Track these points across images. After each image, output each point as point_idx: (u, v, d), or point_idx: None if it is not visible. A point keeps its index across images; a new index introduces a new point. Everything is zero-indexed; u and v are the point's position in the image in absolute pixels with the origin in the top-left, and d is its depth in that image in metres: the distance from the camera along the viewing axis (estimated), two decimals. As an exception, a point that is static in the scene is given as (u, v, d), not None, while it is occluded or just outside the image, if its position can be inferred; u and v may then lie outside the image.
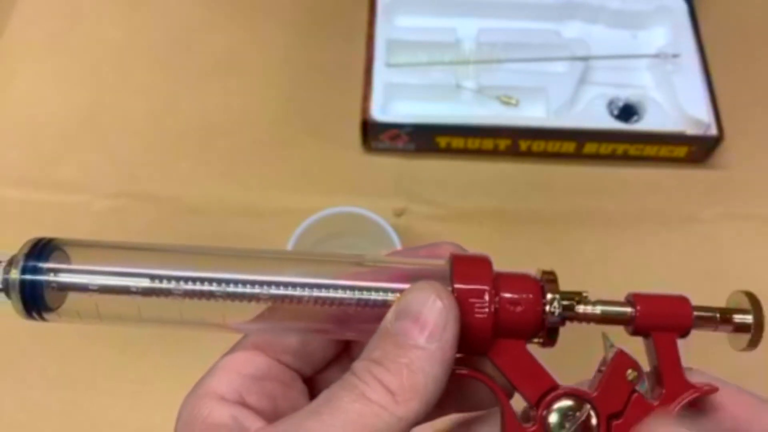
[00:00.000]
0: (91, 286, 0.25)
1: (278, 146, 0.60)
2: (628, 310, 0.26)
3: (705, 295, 0.27)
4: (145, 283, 0.25)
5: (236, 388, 0.26)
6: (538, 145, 0.58)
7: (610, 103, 0.59)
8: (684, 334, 0.26)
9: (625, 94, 0.59)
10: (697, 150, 0.58)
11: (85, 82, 0.63)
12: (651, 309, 0.26)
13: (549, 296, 0.25)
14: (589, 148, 0.58)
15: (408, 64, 0.60)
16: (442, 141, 0.58)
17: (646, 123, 0.58)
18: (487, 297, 0.25)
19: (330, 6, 0.67)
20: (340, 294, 0.25)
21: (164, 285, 0.25)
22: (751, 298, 0.26)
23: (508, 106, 0.59)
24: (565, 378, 0.26)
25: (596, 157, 0.59)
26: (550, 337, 0.25)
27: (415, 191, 0.58)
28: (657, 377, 0.26)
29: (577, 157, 0.59)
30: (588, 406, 0.25)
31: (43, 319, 0.26)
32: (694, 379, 0.26)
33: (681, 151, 0.58)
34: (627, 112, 0.59)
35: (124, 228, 0.56)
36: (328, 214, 0.50)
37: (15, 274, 0.24)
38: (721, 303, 0.27)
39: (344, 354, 0.30)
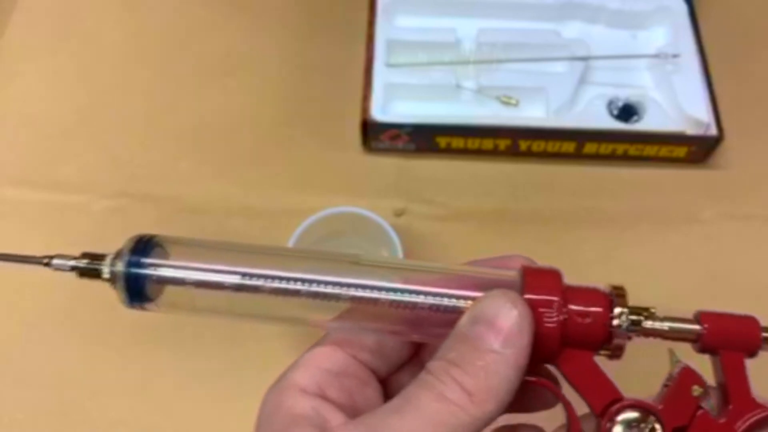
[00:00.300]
0: (187, 280, 0.27)
1: (278, 146, 0.60)
2: (696, 327, 0.26)
3: (705, 295, 0.27)
4: (237, 279, 0.27)
5: (317, 381, 0.28)
6: (538, 145, 0.58)
7: (610, 103, 0.59)
8: (752, 354, 0.26)
9: (624, 94, 0.59)
10: (697, 150, 0.58)
11: (84, 83, 0.63)
12: (719, 328, 0.26)
13: (617, 310, 0.26)
14: (589, 148, 0.58)
15: (408, 64, 0.60)
16: (442, 141, 0.58)
17: (646, 123, 0.58)
18: (556, 307, 0.25)
19: (330, 6, 0.67)
20: (414, 298, 0.27)
21: (254, 282, 0.27)
22: None
23: (508, 106, 0.59)
24: (627, 390, 0.26)
25: (596, 157, 0.59)
26: (616, 350, 0.26)
27: (415, 191, 0.58)
28: (724, 395, 0.26)
29: (577, 157, 0.59)
30: (653, 418, 0.25)
31: (143, 308, 0.28)
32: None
33: (681, 151, 0.58)
34: (627, 112, 0.59)
35: (124, 228, 0.55)
36: (328, 214, 0.50)
37: (120, 267, 0.27)
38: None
39: (415, 357, 0.31)
